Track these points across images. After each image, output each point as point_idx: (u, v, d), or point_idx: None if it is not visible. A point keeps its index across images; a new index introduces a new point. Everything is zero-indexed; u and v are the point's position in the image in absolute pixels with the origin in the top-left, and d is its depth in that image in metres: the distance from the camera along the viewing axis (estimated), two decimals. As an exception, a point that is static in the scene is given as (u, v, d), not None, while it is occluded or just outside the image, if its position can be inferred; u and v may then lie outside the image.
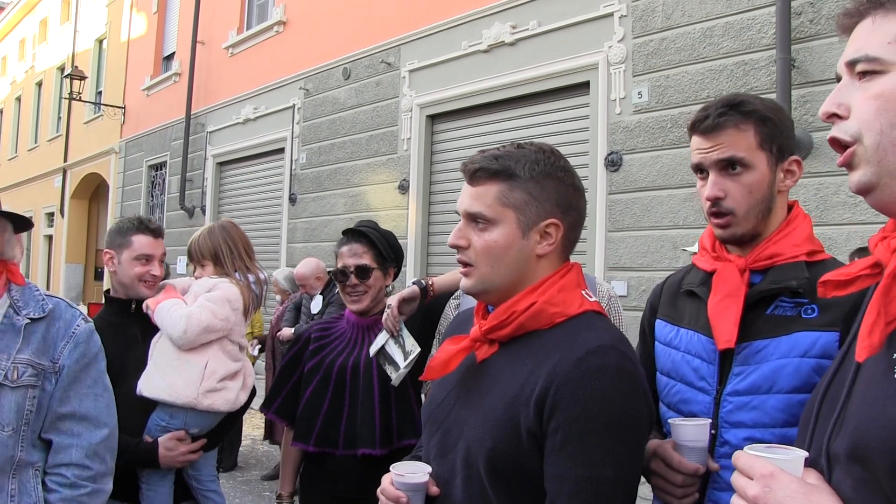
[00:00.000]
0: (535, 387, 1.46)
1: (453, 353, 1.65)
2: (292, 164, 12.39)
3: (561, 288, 1.59)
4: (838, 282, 1.17)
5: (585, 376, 1.42)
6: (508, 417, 1.49)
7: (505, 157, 1.60)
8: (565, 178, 1.63)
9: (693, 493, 1.65)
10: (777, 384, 1.62)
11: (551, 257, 1.63)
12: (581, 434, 1.40)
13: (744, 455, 1.11)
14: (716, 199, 1.76)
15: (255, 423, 8.76)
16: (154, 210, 17.07)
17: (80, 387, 2.10)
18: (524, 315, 1.56)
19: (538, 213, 1.59)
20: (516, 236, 1.58)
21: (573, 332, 1.53)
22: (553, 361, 1.47)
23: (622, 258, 7.43)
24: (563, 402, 1.42)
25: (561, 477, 1.42)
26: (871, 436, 1.00)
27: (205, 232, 3.10)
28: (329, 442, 2.82)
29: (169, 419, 2.81)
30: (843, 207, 5.89)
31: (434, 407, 1.74)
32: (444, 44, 9.65)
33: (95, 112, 20.52)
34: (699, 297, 1.81)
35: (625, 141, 7.48)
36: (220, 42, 14.69)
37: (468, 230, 1.62)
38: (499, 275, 1.59)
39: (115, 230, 3.01)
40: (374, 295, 2.91)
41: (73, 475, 2.04)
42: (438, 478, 1.64)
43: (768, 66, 6.45)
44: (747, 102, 1.75)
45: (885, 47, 1.11)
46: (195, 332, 2.79)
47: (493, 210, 1.58)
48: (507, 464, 1.48)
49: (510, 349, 1.59)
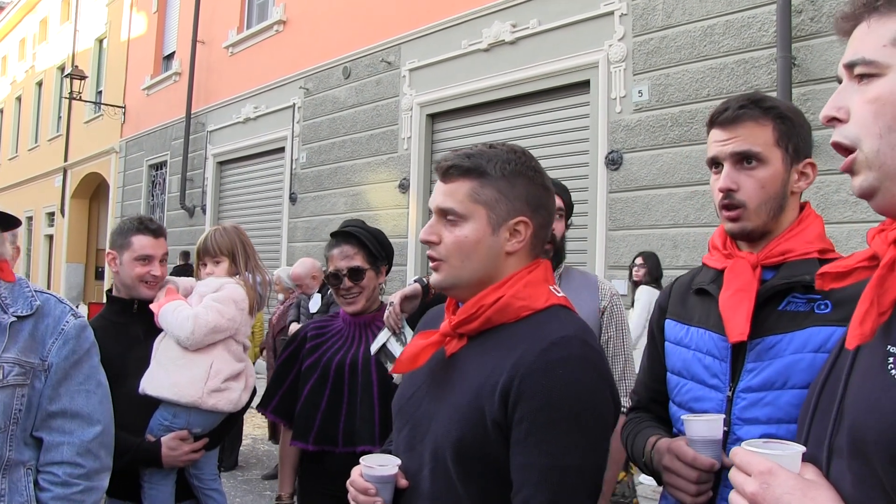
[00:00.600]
0: (499, 378, 1.48)
1: (422, 347, 1.67)
2: (292, 164, 12.39)
3: (528, 283, 1.61)
4: (836, 273, 1.17)
5: (549, 366, 1.45)
6: (474, 408, 1.51)
7: (477, 155, 1.63)
8: (535, 178, 1.65)
9: (708, 491, 1.65)
10: (791, 379, 1.61)
11: (520, 255, 1.65)
12: (545, 423, 1.43)
13: (741, 451, 1.12)
14: (728, 191, 1.75)
15: (256, 423, 8.75)
16: (154, 209, 17.09)
17: (71, 384, 2.07)
18: (491, 309, 1.58)
19: (508, 211, 1.61)
20: (486, 232, 1.60)
21: (538, 324, 1.55)
22: (517, 353, 1.49)
23: (622, 257, 7.42)
24: (527, 392, 1.44)
25: (526, 466, 1.44)
26: (867, 429, 1.00)
27: (220, 230, 3.10)
28: (328, 440, 2.81)
29: (172, 418, 2.81)
30: (844, 206, 5.89)
31: (404, 401, 1.76)
32: (444, 43, 9.65)
33: (96, 112, 20.55)
34: (710, 294, 1.81)
35: (625, 139, 7.49)
36: (221, 41, 14.70)
37: (439, 226, 1.65)
38: (468, 270, 1.62)
39: (117, 231, 3.00)
40: (369, 295, 2.91)
41: (64, 473, 2.01)
42: (407, 470, 1.66)
43: (769, 64, 6.44)
44: (768, 99, 1.77)
45: (880, 50, 1.11)
46: (203, 332, 2.79)
47: (464, 206, 1.61)
48: (474, 454, 1.50)
49: (478, 343, 1.61)
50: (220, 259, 3.02)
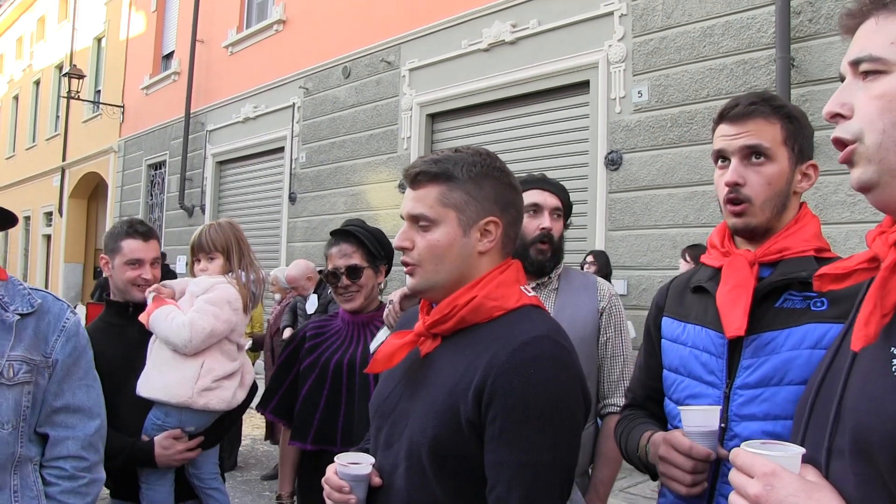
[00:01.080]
0: (473, 378, 1.52)
1: (397, 347, 1.71)
2: (292, 163, 12.39)
3: (500, 283, 1.64)
4: (835, 275, 1.18)
5: (520, 366, 1.48)
6: (448, 407, 1.54)
7: (444, 160, 1.68)
8: (502, 178, 1.69)
9: (703, 481, 1.66)
10: (788, 376, 1.63)
11: (492, 254, 1.68)
12: (517, 422, 1.46)
13: (742, 453, 1.12)
14: (734, 185, 1.77)
15: (255, 423, 8.75)
16: (153, 209, 17.07)
17: (73, 379, 2.10)
18: (465, 309, 1.61)
19: (477, 212, 1.65)
20: (457, 235, 1.64)
21: (510, 324, 1.59)
22: (490, 353, 1.53)
23: (622, 257, 7.44)
24: (500, 391, 1.47)
25: (500, 463, 1.47)
26: (871, 430, 1.00)
27: (214, 226, 3.07)
28: (327, 440, 2.81)
29: (164, 417, 2.81)
30: (842, 206, 5.91)
31: (381, 400, 1.79)
32: (444, 42, 9.66)
33: (94, 111, 20.51)
34: (707, 292, 1.83)
35: (625, 140, 7.50)
36: (220, 41, 14.69)
37: (412, 232, 1.69)
38: (442, 272, 1.66)
39: (109, 235, 3.01)
40: (367, 293, 2.92)
41: (71, 467, 2.06)
42: (382, 469, 1.69)
43: (768, 65, 6.46)
44: (778, 99, 1.81)
45: (888, 47, 1.12)
46: (200, 338, 2.79)
47: (434, 211, 1.65)
48: (449, 452, 1.53)
49: (452, 342, 1.64)
50: (215, 255, 3.00)
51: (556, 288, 2.73)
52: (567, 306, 2.66)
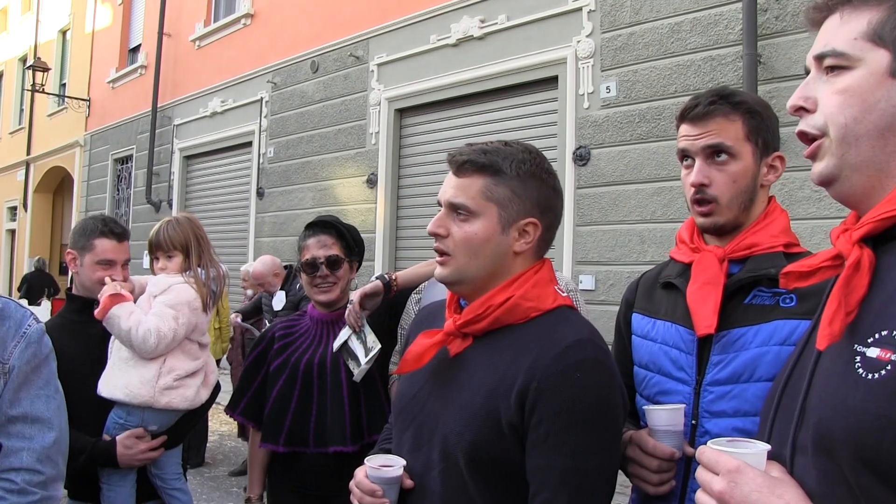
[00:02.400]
0: (514, 381, 1.50)
1: (427, 347, 1.67)
2: (260, 158, 12.30)
3: (535, 283, 1.62)
4: (800, 273, 1.18)
5: (565, 371, 1.46)
6: (488, 411, 1.52)
7: (493, 152, 1.63)
8: (548, 180, 1.66)
9: (670, 480, 1.66)
10: (757, 372, 1.63)
11: (527, 255, 1.66)
12: (563, 426, 1.45)
13: (708, 450, 1.12)
14: (700, 186, 1.77)
15: (223, 419, 8.68)
16: (120, 204, 16.87)
17: (32, 388, 1.99)
18: (500, 309, 1.58)
19: (519, 211, 1.62)
20: (496, 231, 1.61)
21: (549, 326, 1.56)
22: (532, 356, 1.50)
23: (590, 252, 7.46)
24: (545, 396, 1.46)
25: (545, 468, 1.46)
26: (834, 427, 1.01)
27: (172, 222, 3.01)
28: (299, 441, 2.78)
29: (126, 416, 2.76)
30: (808, 202, 5.96)
31: (406, 401, 1.76)
32: (412, 37, 9.62)
33: (59, 104, 20.21)
34: (677, 288, 1.82)
35: (593, 135, 7.51)
36: (187, 34, 14.53)
37: (448, 220, 1.64)
38: (474, 267, 1.62)
39: (80, 230, 2.91)
40: (343, 287, 2.89)
41: (22, 480, 1.92)
42: (412, 471, 1.66)
43: (735, 61, 6.50)
44: (737, 94, 1.80)
45: (851, 43, 1.13)
46: (165, 345, 2.74)
47: (475, 202, 1.61)
48: (488, 456, 1.51)
49: (485, 343, 1.61)
50: (173, 253, 2.94)
51: None
52: None
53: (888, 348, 0.97)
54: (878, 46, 1.11)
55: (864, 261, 1.07)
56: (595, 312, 6.81)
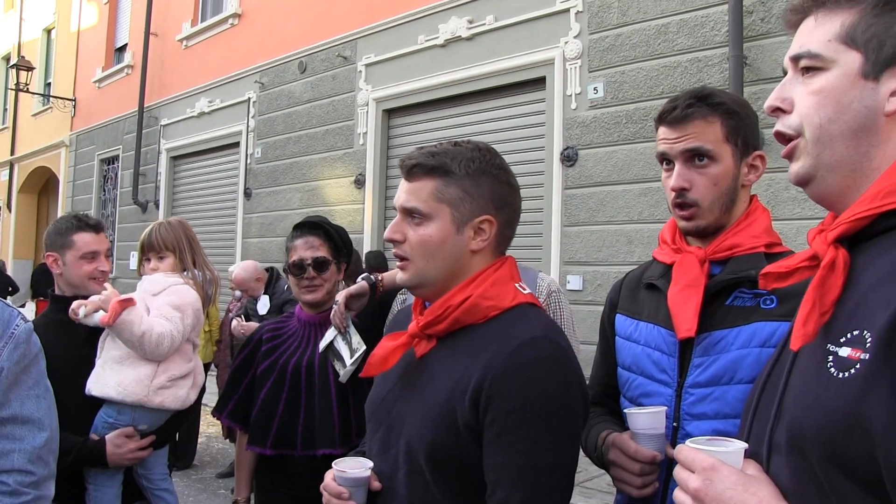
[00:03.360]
0: (470, 381, 1.49)
1: (391, 350, 1.68)
2: (247, 159, 12.26)
3: (494, 282, 1.62)
4: (778, 274, 1.20)
5: (518, 368, 1.46)
6: (446, 411, 1.52)
7: (442, 153, 1.63)
8: (500, 176, 1.66)
9: (653, 482, 1.66)
10: (738, 374, 1.63)
11: (485, 253, 1.66)
12: (517, 424, 1.45)
13: (685, 449, 1.14)
14: (681, 190, 1.77)
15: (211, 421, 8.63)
16: (106, 205, 16.76)
17: (21, 388, 1.97)
18: (459, 310, 1.59)
19: (472, 210, 1.62)
20: (450, 231, 1.61)
21: (507, 324, 1.56)
22: (487, 355, 1.50)
23: (577, 253, 7.48)
24: (498, 394, 1.46)
25: (500, 466, 1.45)
26: (806, 426, 1.02)
27: (164, 224, 3.02)
28: (287, 444, 2.76)
29: (116, 415, 2.75)
30: (793, 203, 6.00)
31: (377, 403, 1.76)
32: (400, 38, 9.61)
33: (44, 104, 20.06)
34: (659, 289, 1.82)
35: (580, 136, 7.53)
36: (174, 34, 14.47)
37: (404, 225, 1.65)
38: (433, 269, 1.62)
39: (54, 231, 2.90)
40: (330, 288, 2.88)
41: (14, 482, 1.90)
42: (381, 473, 1.67)
43: (721, 63, 6.54)
44: (715, 95, 1.78)
45: (825, 45, 1.15)
46: (174, 348, 2.77)
47: (427, 205, 1.61)
48: (448, 457, 1.51)
49: (447, 344, 1.62)
50: (165, 255, 2.95)
51: None
52: None
53: (858, 347, 0.99)
54: (851, 48, 1.13)
55: (839, 261, 1.09)
56: (583, 313, 6.84)
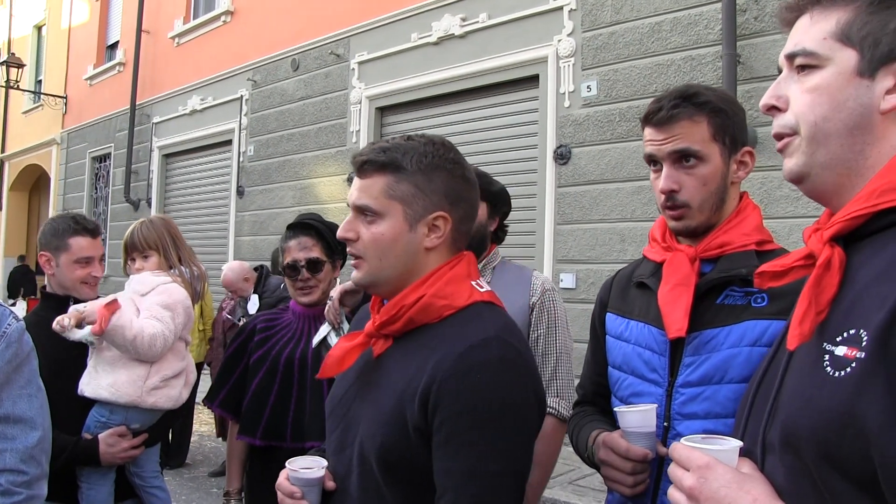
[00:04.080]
0: (420, 382, 1.46)
1: (347, 350, 1.65)
2: (240, 157, 12.22)
3: (449, 280, 1.58)
4: (773, 273, 1.19)
5: (467, 370, 1.42)
6: (397, 413, 1.49)
7: (393, 149, 1.58)
8: (454, 171, 1.61)
9: (644, 480, 1.66)
10: (729, 373, 1.62)
11: (440, 250, 1.62)
12: (465, 428, 1.41)
13: (680, 447, 1.14)
14: (670, 193, 1.75)
15: (203, 419, 8.63)
16: (98, 203, 16.70)
17: (13, 388, 1.95)
18: (413, 309, 1.55)
19: (425, 206, 1.58)
20: (403, 229, 1.57)
21: (460, 325, 1.52)
22: (437, 356, 1.46)
23: (571, 251, 7.48)
24: (446, 397, 1.42)
25: (447, 471, 1.42)
26: (800, 425, 1.02)
27: (146, 223, 3.00)
28: (276, 435, 2.76)
29: (109, 415, 2.74)
30: (787, 201, 6.01)
31: (335, 402, 1.74)
32: (393, 36, 9.60)
33: (35, 101, 19.98)
34: (649, 288, 1.81)
35: (573, 134, 7.53)
36: (166, 31, 14.41)
37: (357, 223, 1.61)
38: (387, 267, 1.59)
39: (51, 231, 2.87)
40: (325, 288, 2.87)
41: (6, 481, 1.89)
42: (336, 473, 1.64)
43: (714, 61, 6.54)
44: (700, 94, 1.75)
45: (820, 43, 1.15)
46: (167, 348, 2.76)
47: (379, 203, 1.57)
48: (398, 459, 1.48)
49: (403, 344, 1.59)
50: (149, 254, 2.94)
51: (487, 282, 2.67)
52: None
53: (854, 346, 0.98)
54: (846, 46, 1.13)
55: (835, 260, 1.08)
56: (576, 311, 6.84)
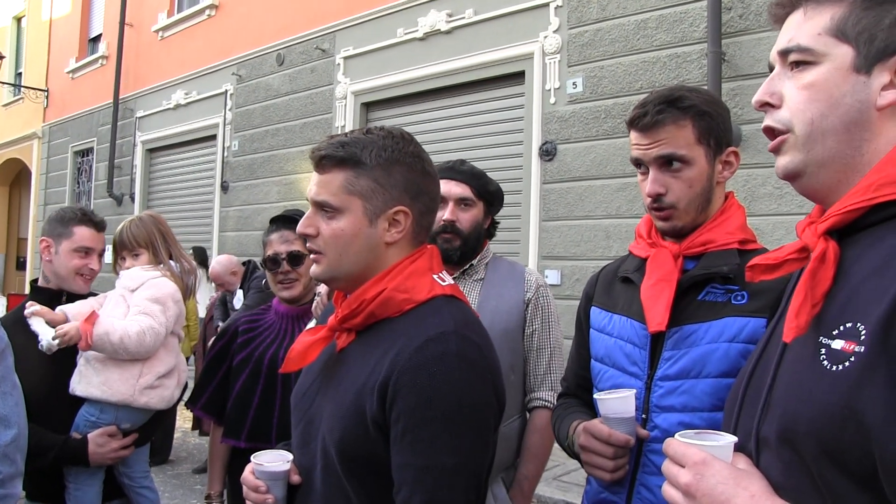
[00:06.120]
0: (378, 376, 1.46)
1: (309, 344, 1.64)
2: (224, 151, 12.17)
3: (410, 274, 1.57)
4: (766, 266, 1.19)
5: (424, 364, 1.42)
6: (356, 407, 1.48)
7: (351, 143, 1.57)
8: (414, 164, 1.60)
9: (624, 466, 1.68)
10: (706, 368, 1.65)
11: (401, 244, 1.61)
12: (420, 422, 1.41)
13: (675, 443, 1.13)
14: (657, 196, 1.77)
15: (186, 416, 8.56)
16: (80, 198, 16.57)
17: None
18: (374, 303, 1.54)
19: (385, 201, 1.56)
20: (363, 224, 1.56)
21: (419, 319, 1.51)
22: (395, 350, 1.46)
23: (556, 247, 7.49)
24: (403, 391, 1.42)
25: (403, 465, 1.42)
26: (799, 420, 1.01)
27: (135, 221, 2.98)
28: (261, 437, 2.73)
29: (99, 414, 2.70)
30: (770, 198, 6.04)
31: (299, 397, 1.73)
32: (379, 31, 9.57)
33: (15, 94, 19.80)
34: (633, 283, 1.83)
35: (559, 131, 7.54)
36: (150, 25, 14.32)
37: (316, 218, 1.59)
38: (347, 263, 1.58)
39: (57, 218, 2.87)
40: (307, 283, 2.85)
41: None
42: (301, 467, 1.64)
43: (700, 59, 6.56)
44: (685, 98, 1.76)
45: (815, 38, 1.14)
46: (159, 341, 2.74)
47: (338, 198, 1.56)
48: (357, 453, 1.48)
49: (364, 338, 1.58)
50: (139, 251, 2.91)
51: (481, 278, 2.66)
52: (491, 297, 2.59)
53: (852, 340, 0.98)
54: (842, 42, 1.12)
55: (830, 253, 1.08)
56: (561, 307, 6.81)
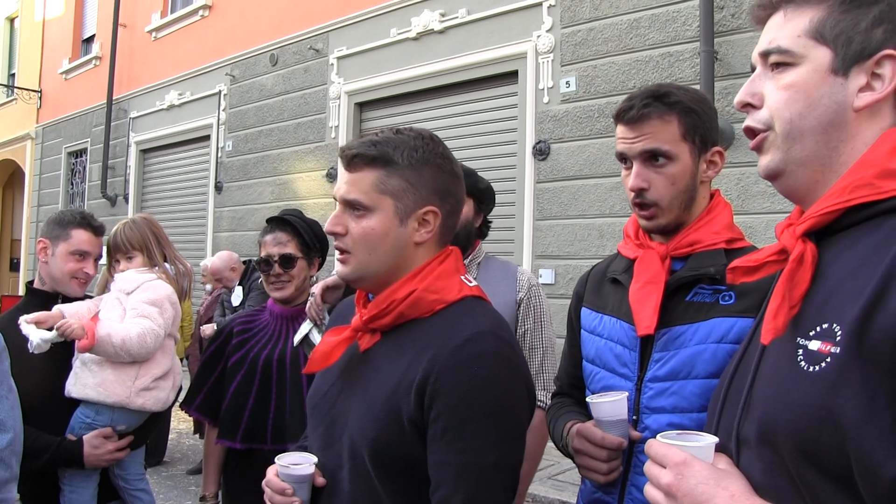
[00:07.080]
0: (415, 376, 1.46)
1: (334, 345, 1.64)
2: (218, 152, 12.16)
3: (439, 275, 1.58)
4: (746, 268, 1.20)
5: (463, 364, 1.43)
6: (390, 407, 1.49)
7: (383, 143, 1.57)
8: (444, 165, 1.61)
9: (618, 468, 1.69)
10: (695, 369, 1.65)
11: (429, 244, 1.61)
12: (460, 421, 1.42)
13: (656, 444, 1.14)
14: (640, 190, 1.78)
15: (181, 417, 8.56)
16: (74, 199, 16.54)
17: None
18: (404, 304, 1.55)
19: (415, 201, 1.57)
20: (393, 224, 1.56)
21: (452, 319, 1.53)
22: (432, 350, 1.47)
23: (549, 246, 7.50)
24: (443, 390, 1.43)
25: (443, 464, 1.43)
26: (778, 420, 1.03)
27: (128, 223, 2.97)
28: (257, 438, 2.73)
29: (94, 416, 2.70)
30: (763, 197, 6.06)
31: (318, 397, 1.72)
32: (373, 31, 9.57)
33: (8, 95, 19.74)
34: (622, 284, 1.84)
35: (552, 130, 7.55)
36: (143, 25, 14.29)
37: (346, 217, 1.59)
38: (375, 262, 1.58)
39: (56, 220, 2.86)
40: (299, 284, 2.85)
41: None
42: (324, 468, 1.63)
43: (692, 58, 6.58)
44: (671, 94, 1.76)
45: (795, 40, 1.16)
46: (159, 344, 2.75)
47: (369, 197, 1.55)
48: (391, 453, 1.48)
49: (392, 338, 1.58)
50: (133, 254, 2.91)
51: (474, 277, 2.68)
52: None
53: (828, 341, 0.99)
54: (820, 44, 1.14)
55: (807, 255, 1.09)
56: (554, 307, 6.84)
